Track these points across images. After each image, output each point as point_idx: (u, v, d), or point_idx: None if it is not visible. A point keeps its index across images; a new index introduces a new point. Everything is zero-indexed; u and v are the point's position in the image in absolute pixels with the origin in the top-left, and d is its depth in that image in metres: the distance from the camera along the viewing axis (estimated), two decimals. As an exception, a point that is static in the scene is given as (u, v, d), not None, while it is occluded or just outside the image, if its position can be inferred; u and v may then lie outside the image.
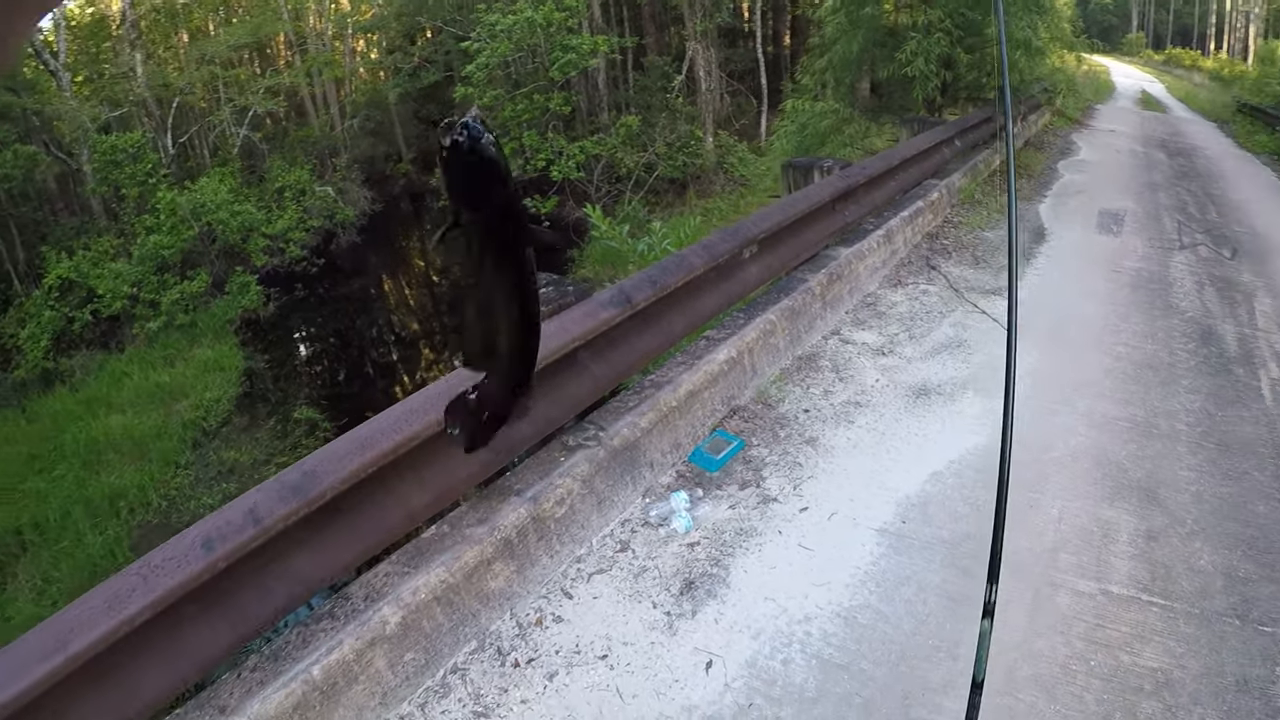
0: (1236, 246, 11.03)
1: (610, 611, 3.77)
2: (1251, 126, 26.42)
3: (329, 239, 24.51)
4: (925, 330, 7.15)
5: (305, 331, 21.94)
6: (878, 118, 18.15)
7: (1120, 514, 4.74)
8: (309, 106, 29.29)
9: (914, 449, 5.28)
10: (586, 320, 4.36)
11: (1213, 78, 55.24)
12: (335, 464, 3.17)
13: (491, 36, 21.47)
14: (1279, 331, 7.99)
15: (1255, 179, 17.99)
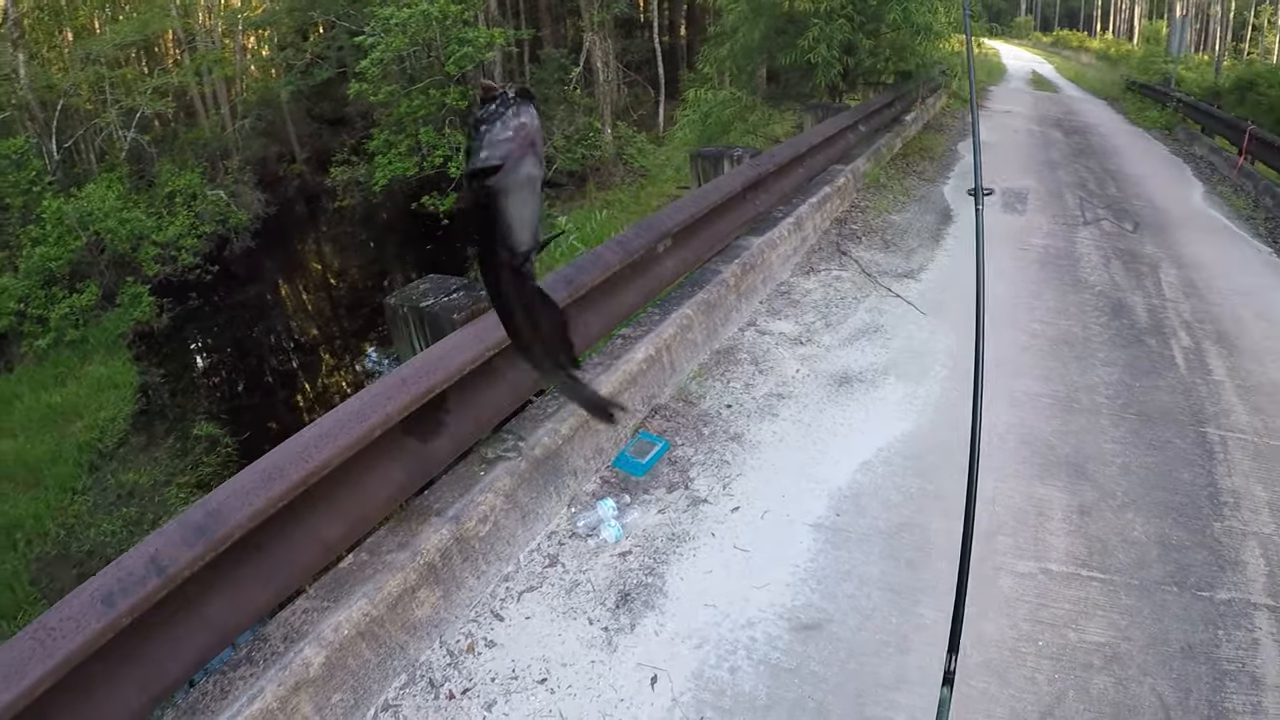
0: (1138, 220, 11.30)
1: (545, 631, 3.63)
2: (1141, 103, 27.24)
3: (222, 245, 23.77)
4: (841, 317, 7.14)
5: (201, 342, 21.30)
6: (779, 105, 18.26)
7: (1052, 491, 4.77)
8: (199, 107, 28.44)
9: (841, 439, 5.24)
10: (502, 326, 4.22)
11: (1100, 57, 57.03)
12: (241, 500, 2.96)
13: (386, 31, 21.11)
14: (1186, 300, 8.19)
15: (1149, 153, 18.53)
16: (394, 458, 3.69)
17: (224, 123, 28.19)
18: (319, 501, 3.34)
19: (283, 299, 24.40)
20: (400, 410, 3.52)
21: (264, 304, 23.34)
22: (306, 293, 25.20)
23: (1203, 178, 15.54)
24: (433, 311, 4.33)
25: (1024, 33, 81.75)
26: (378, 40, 21.20)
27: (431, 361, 3.77)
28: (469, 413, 4.11)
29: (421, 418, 3.77)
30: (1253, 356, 6.97)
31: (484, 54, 21.77)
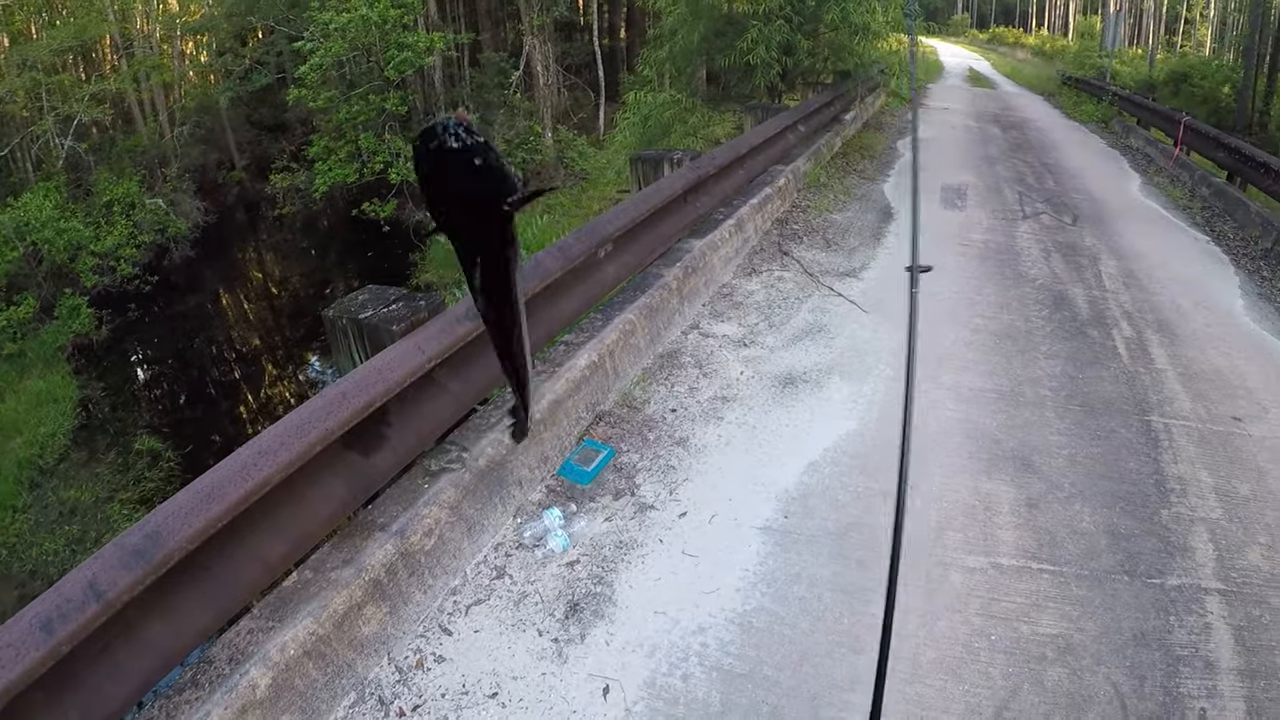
0: (1077, 213, 11.45)
1: (494, 645, 3.58)
2: (1077, 98, 27.66)
3: (162, 254, 23.38)
4: (784, 318, 7.16)
5: (142, 354, 20.94)
6: (719, 106, 18.33)
7: (999, 485, 4.80)
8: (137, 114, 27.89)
9: (787, 441, 5.25)
10: (443, 336, 4.15)
11: (1036, 53, 57.98)
12: (180, 521, 2.88)
13: (325, 36, 20.94)
14: (1126, 291, 8.31)
15: (1086, 146, 18.81)
16: (336, 473, 3.64)
17: (162, 130, 27.72)
18: (260, 520, 3.27)
19: (223, 309, 24.08)
20: (341, 425, 3.47)
21: (204, 314, 23.01)
22: (247, 302, 24.89)
23: (1139, 169, 15.82)
24: (371, 323, 4.27)
25: (960, 30, 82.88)
26: (317, 45, 21.05)
27: (371, 374, 3.72)
28: (411, 425, 4.06)
29: (363, 431, 3.72)
30: (1194, 344, 7.09)
31: (423, 59, 21.70)
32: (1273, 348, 7.29)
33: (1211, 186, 13.01)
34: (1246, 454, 5.40)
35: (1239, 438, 5.60)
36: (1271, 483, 5.08)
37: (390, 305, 4.40)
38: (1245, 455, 5.38)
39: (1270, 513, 4.75)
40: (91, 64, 30.06)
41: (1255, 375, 6.61)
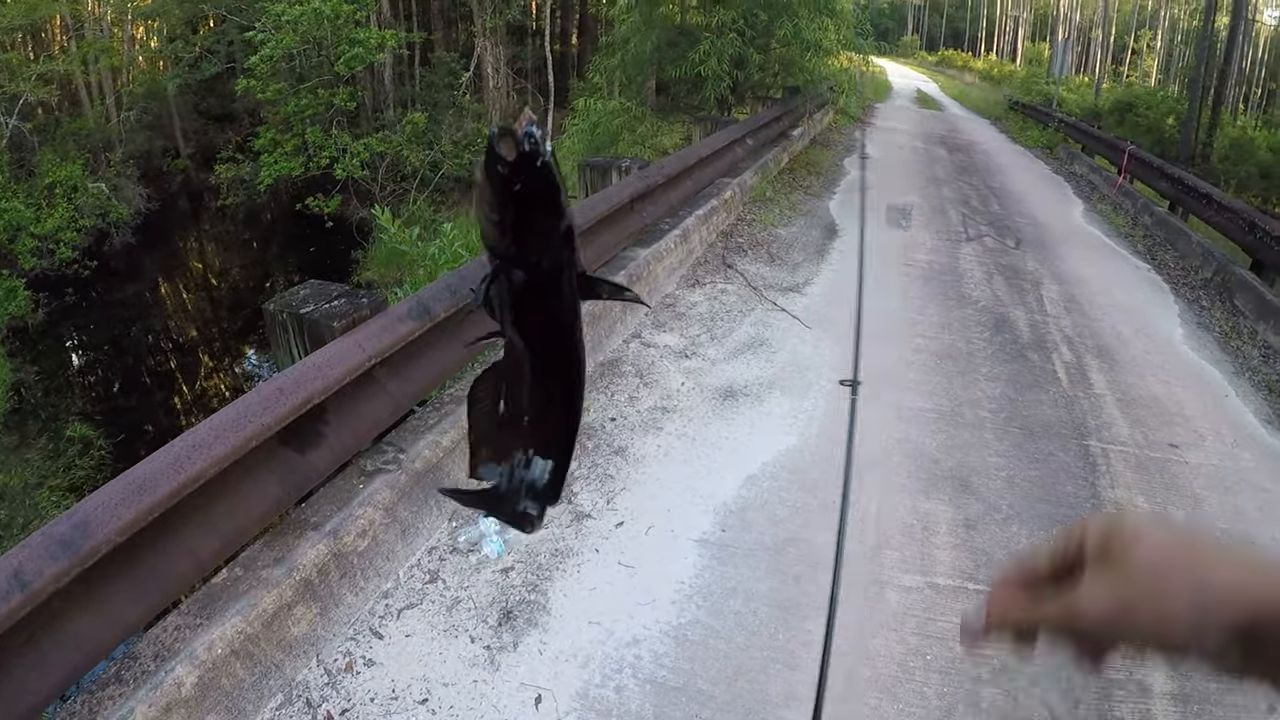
0: (1020, 236, 11.63)
1: (425, 650, 3.54)
2: (1023, 123, 28.16)
3: (102, 239, 22.90)
4: (727, 330, 7.18)
5: (78, 340, 20.48)
6: (668, 116, 18.40)
7: (937, 505, 4.84)
8: (84, 96, 27.33)
9: (726, 453, 5.26)
10: (384, 335, 4.11)
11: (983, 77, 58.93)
12: (109, 513, 2.82)
13: (277, 28, 20.66)
14: (1067, 316, 8.44)
15: (1031, 171, 19.14)
16: (270, 470, 3.59)
17: (109, 114, 27.22)
18: (192, 515, 3.22)
19: (162, 298, 23.63)
20: (277, 421, 3.43)
21: (143, 302, 22.57)
22: (187, 292, 24.45)
23: (1083, 196, 16.12)
24: (312, 319, 4.21)
25: (910, 52, 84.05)
26: (268, 37, 20.78)
27: (310, 371, 3.67)
28: (349, 424, 4.01)
29: (300, 428, 3.67)
30: (1133, 370, 7.23)
31: (375, 55, 21.51)
32: (1210, 376, 7.46)
33: (1154, 215, 13.30)
34: (1183, 480, 5.51)
35: (1175, 464, 5.71)
36: (1207, 510, 5.20)
37: (332, 301, 4.35)
38: (1181, 481, 5.49)
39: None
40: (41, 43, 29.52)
41: (1192, 403, 6.76)
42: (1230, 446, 6.14)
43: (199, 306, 23.36)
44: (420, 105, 24.78)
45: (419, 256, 8.43)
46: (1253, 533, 5.03)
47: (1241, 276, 9.76)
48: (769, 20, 15.96)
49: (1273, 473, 5.86)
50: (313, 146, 21.61)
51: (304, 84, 22.17)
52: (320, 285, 4.57)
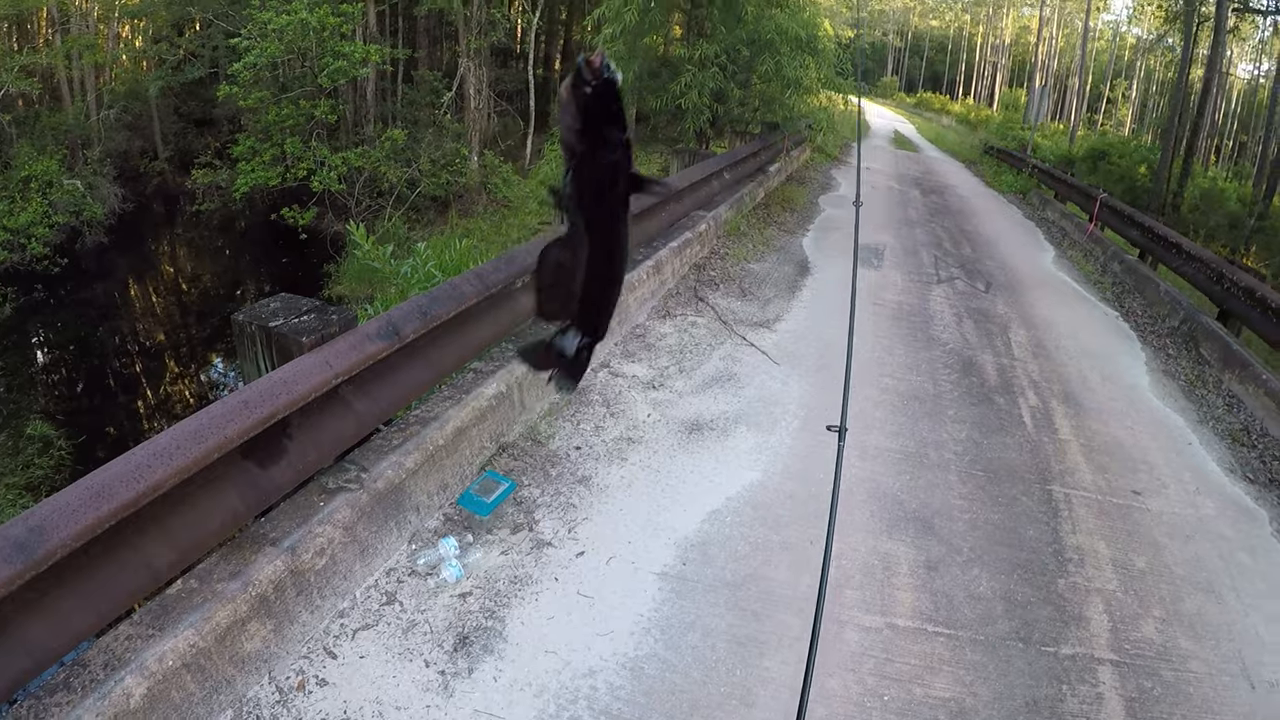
0: (990, 280, 11.73)
1: (379, 672, 3.51)
2: (998, 167, 28.39)
3: (75, 237, 22.67)
4: (695, 363, 7.20)
5: (44, 337, 20.23)
6: (647, 147, 18.48)
7: (899, 546, 4.86)
8: (65, 91, 27.09)
9: (690, 487, 5.26)
10: (352, 353, 4.09)
11: (960, 121, 59.54)
12: (67, 518, 2.80)
13: (263, 35, 20.63)
14: (1035, 360, 8.51)
15: (1003, 215, 19.33)
16: (231, 482, 3.56)
17: (89, 111, 27.02)
18: (149, 524, 3.19)
19: (131, 300, 23.38)
20: (241, 434, 3.41)
21: (112, 303, 22.33)
22: (156, 296, 24.20)
23: (1054, 242, 16.30)
24: (281, 332, 4.19)
25: (889, 93, 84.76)
26: (253, 44, 20.75)
27: (276, 385, 3.66)
28: (312, 440, 3.99)
29: (263, 442, 3.66)
30: (1098, 417, 7.29)
31: (358, 70, 21.49)
32: (1175, 424, 7.53)
33: (1123, 263, 13.44)
34: (1144, 527, 5.56)
35: (1138, 511, 5.76)
36: (1168, 556, 5.24)
37: (301, 316, 4.33)
38: (1143, 528, 5.54)
39: (1165, 586, 4.89)
40: (25, 35, 29.42)
41: (1156, 450, 6.82)
42: (1192, 494, 6.21)
43: (168, 311, 23.14)
44: (401, 122, 24.75)
45: (391, 274, 8.41)
46: (1213, 581, 5.07)
47: (1208, 326, 9.88)
48: (751, 56, 16.10)
49: (1234, 520, 5.93)
50: (291, 157, 21.54)
51: (286, 94, 22.14)
52: (290, 299, 4.55)
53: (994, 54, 79.49)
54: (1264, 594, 5.06)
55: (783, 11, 16.43)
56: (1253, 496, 6.39)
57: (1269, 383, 8.17)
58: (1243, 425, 7.77)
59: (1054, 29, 65.20)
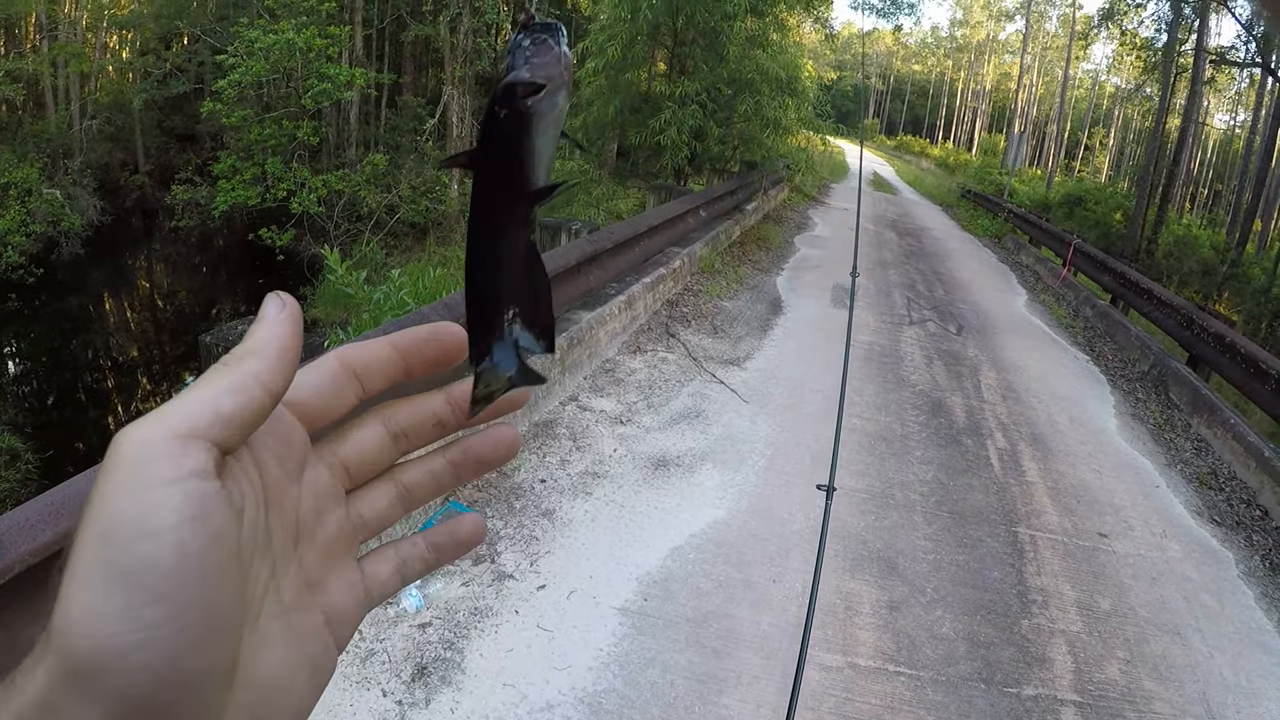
0: (962, 323, 11.80)
1: (336, 700, 3.47)
2: (974, 211, 28.65)
3: (51, 247, 22.44)
4: (664, 399, 7.20)
5: (15, 347, 20.01)
6: (625, 181, 18.57)
7: (862, 585, 4.85)
8: (49, 99, 26.95)
9: (654, 523, 5.24)
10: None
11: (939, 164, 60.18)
12: (25, 533, 2.76)
13: (249, 54, 20.60)
14: (1004, 403, 8.55)
15: (978, 259, 19.48)
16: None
17: (72, 120, 26.87)
18: None
19: (106, 314, 23.20)
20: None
21: (86, 316, 22.15)
22: (131, 311, 24.00)
23: (1027, 286, 16.45)
24: (249, 355, 4.18)
25: (870, 135, 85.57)
26: (239, 62, 20.72)
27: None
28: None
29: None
30: (1065, 459, 7.33)
31: (343, 93, 21.49)
32: (1142, 467, 7.59)
33: (1095, 308, 13.57)
34: (1110, 569, 5.58)
35: (1104, 553, 5.79)
36: (1133, 598, 5.26)
37: (269, 339, 4.32)
38: (1109, 570, 5.56)
39: (1130, 628, 4.90)
40: (13, 39, 29.32)
41: (1123, 493, 6.86)
42: (1158, 537, 6.24)
43: (142, 327, 22.99)
44: (383, 147, 24.74)
45: (364, 300, 8.41)
46: (1178, 623, 5.09)
47: (1177, 370, 9.98)
48: (732, 95, 16.28)
49: (1199, 563, 5.97)
50: (271, 177, 21.46)
51: (270, 113, 22.10)
52: (260, 322, 4.55)
53: (974, 99, 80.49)
54: (1229, 635, 5.09)
55: (765, 52, 16.64)
56: (1219, 539, 6.45)
57: (1237, 427, 8.26)
58: (1210, 469, 7.84)
59: (1034, 76, 66.04)
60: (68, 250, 23.29)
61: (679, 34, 15.87)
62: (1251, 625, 5.31)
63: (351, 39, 24.18)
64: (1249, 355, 9.20)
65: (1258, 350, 9.27)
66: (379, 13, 27.63)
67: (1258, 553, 6.37)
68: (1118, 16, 31.76)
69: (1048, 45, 67.54)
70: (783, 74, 16.16)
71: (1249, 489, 7.50)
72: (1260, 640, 5.14)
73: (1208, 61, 27.10)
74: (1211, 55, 27.48)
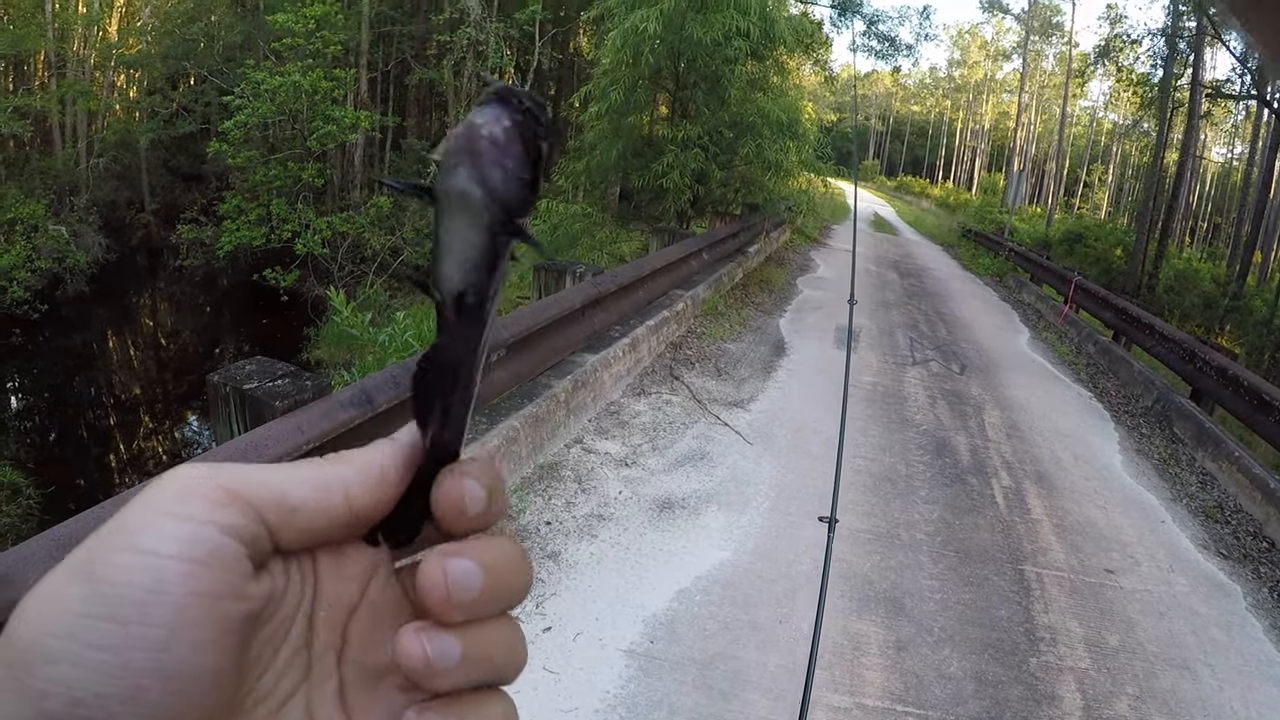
0: (965, 362, 11.81)
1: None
2: (975, 250, 28.72)
3: (56, 284, 22.44)
4: (669, 441, 7.21)
5: (19, 382, 19.97)
6: (628, 224, 18.64)
7: (869, 626, 4.84)
8: (57, 136, 27.10)
9: (660, 565, 5.24)
10: (324, 420, 4.10)
11: (940, 204, 60.37)
12: (32, 568, 2.77)
13: (255, 95, 20.74)
14: (1008, 441, 8.55)
15: (979, 298, 19.50)
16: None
17: (79, 158, 26.99)
18: None
19: (109, 351, 23.17)
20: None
21: (90, 353, 22.13)
22: (134, 349, 23.98)
23: (1029, 324, 16.47)
24: (255, 395, 4.21)
25: (870, 176, 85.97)
26: (245, 103, 20.85)
27: (247, 448, 3.67)
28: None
29: (230, 506, 3.64)
30: (1070, 496, 7.32)
31: (348, 135, 21.63)
32: (1147, 502, 7.58)
33: (1097, 344, 13.59)
34: (1117, 605, 5.56)
35: (1111, 589, 5.77)
36: (1141, 634, 5.24)
37: (276, 380, 4.35)
38: (1116, 607, 5.55)
39: (1139, 664, 4.88)
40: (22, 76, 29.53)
41: (1129, 529, 6.85)
42: (1165, 571, 6.23)
43: (145, 365, 22.98)
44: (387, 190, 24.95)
45: (369, 342, 8.44)
46: (1187, 657, 5.07)
47: (1181, 405, 9.98)
48: (733, 138, 16.36)
49: (1207, 597, 5.95)
50: (276, 218, 21.53)
51: (275, 154, 22.22)
52: (266, 363, 4.58)
53: (973, 139, 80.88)
54: (1239, 669, 5.07)
55: (765, 95, 16.76)
56: (1226, 572, 6.44)
57: (1242, 459, 8.25)
58: (1216, 502, 7.83)
59: (1032, 115, 66.37)
60: (72, 287, 23.35)
61: (681, 78, 15.99)
62: (1261, 658, 5.29)
63: (357, 82, 24.38)
64: (1252, 387, 9.20)
65: (1261, 382, 9.27)
66: (384, 56, 27.96)
67: (1265, 585, 6.35)
68: (1114, 53, 31.98)
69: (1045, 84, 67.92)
70: (784, 117, 16.24)
71: (1255, 521, 7.50)
72: (1270, 673, 5.12)
73: (1204, 95, 27.28)
74: (1207, 89, 27.66)
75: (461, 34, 23.02)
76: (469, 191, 0.49)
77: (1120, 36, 31.80)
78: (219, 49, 28.81)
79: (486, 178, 0.49)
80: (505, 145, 0.48)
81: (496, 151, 0.49)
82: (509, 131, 0.49)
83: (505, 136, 0.49)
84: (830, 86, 53.09)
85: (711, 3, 14.11)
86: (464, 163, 0.49)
